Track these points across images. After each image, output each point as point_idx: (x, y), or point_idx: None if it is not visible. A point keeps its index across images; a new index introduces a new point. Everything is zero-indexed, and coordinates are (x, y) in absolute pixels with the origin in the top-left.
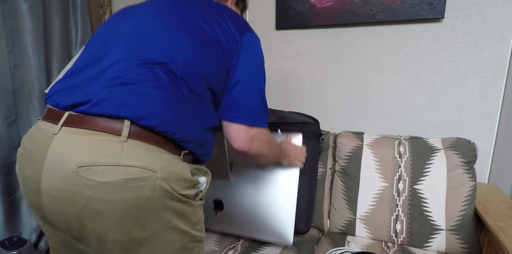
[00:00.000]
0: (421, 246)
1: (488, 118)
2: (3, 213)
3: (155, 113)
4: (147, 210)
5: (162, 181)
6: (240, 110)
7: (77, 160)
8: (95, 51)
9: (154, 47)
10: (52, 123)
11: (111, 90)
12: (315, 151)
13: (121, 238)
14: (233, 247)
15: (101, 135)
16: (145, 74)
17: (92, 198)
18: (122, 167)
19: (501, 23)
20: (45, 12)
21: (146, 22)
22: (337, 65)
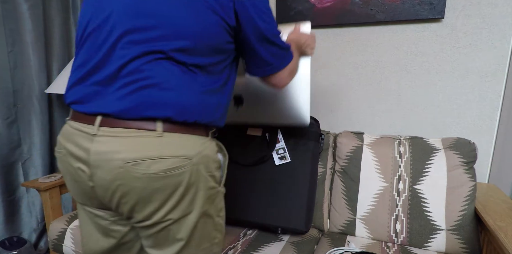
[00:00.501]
0: (421, 246)
1: (488, 118)
2: (3, 213)
3: (181, 110)
4: (185, 193)
5: (197, 165)
6: (270, 62)
7: (122, 156)
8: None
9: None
10: (88, 124)
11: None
12: (315, 151)
13: (162, 219)
14: (233, 247)
15: (138, 132)
16: (160, 72)
17: (142, 187)
18: (164, 159)
19: (501, 23)
20: (45, 12)
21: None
22: (337, 65)
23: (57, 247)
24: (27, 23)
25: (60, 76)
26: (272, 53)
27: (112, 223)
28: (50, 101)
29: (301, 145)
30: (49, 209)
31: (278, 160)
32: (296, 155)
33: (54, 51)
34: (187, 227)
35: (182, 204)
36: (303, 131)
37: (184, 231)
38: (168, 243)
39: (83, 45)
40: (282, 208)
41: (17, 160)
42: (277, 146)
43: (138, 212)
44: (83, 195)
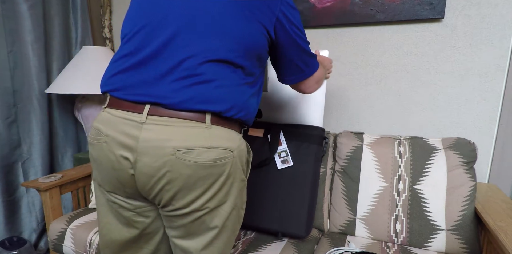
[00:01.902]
0: (421, 246)
1: (488, 118)
2: (3, 213)
3: (229, 107)
4: (224, 183)
5: (236, 158)
6: (301, 70)
7: (174, 144)
8: (149, 28)
9: (215, 34)
10: (134, 112)
11: (185, 91)
12: (318, 155)
13: (201, 207)
14: (234, 246)
15: (188, 122)
16: (213, 71)
17: (189, 175)
18: (213, 149)
19: (501, 23)
20: (45, 12)
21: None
22: (337, 65)
23: (57, 247)
24: (27, 23)
25: (60, 76)
26: (304, 60)
27: (136, 214)
28: (50, 101)
29: (304, 148)
30: (49, 209)
31: (281, 163)
32: (298, 158)
33: (54, 51)
34: (221, 217)
35: (220, 194)
36: (306, 134)
37: (218, 220)
38: (200, 232)
39: (135, 34)
40: (283, 212)
41: (17, 160)
42: (279, 148)
43: (178, 200)
44: (117, 183)
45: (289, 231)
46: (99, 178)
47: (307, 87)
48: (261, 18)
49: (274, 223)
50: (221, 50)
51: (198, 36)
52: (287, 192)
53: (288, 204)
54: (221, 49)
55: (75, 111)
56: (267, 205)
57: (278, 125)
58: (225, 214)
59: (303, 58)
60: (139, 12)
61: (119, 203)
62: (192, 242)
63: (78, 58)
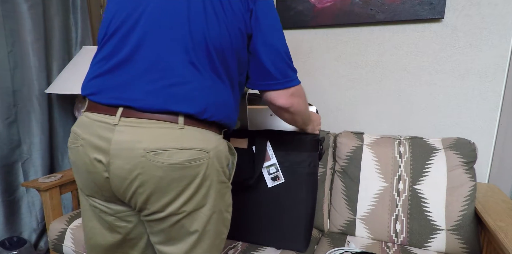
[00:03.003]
0: (421, 246)
1: (488, 118)
2: (3, 213)
3: (201, 109)
4: (200, 186)
5: (213, 159)
6: (273, 77)
7: (144, 146)
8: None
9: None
10: (108, 114)
11: (158, 93)
12: (313, 165)
13: (177, 211)
14: (234, 247)
15: (160, 123)
16: (186, 73)
17: (161, 177)
18: (185, 150)
19: (501, 23)
20: (45, 12)
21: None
22: (337, 65)
23: (57, 247)
24: (27, 23)
25: (60, 76)
26: (277, 67)
27: (118, 219)
28: (50, 101)
29: (296, 158)
30: (49, 209)
31: (271, 181)
32: (290, 173)
33: (54, 51)
34: (200, 220)
35: (197, 197)
36: (296, 141)
37: (198, 224)
38: (180, 238)
39: (110, 37)
40: (279, 230)
41: (17, 160)
42: (267, 163)
43: (152, 203)
44: (94, 187)
45: (288, 247)
46: (79, 182)
47: (274, 97)
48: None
49: (270, 241)
50: (194, 51)
51: (171, 38)
52: (282, 209)
53: (283, 222)
54: (195, 50)
55: (75, 111)
56: (262, 223)
57: (263, 133)
58: (204, 217)
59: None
60: (114, 13)
61: (100, 208)
62: (174, 248)
63: (78, 58)
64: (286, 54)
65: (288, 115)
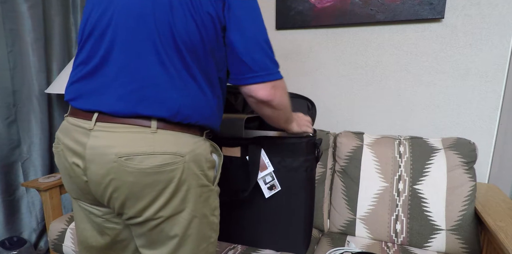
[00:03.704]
0: (421, 246)
1: (488, 118)
2: (3, 213)
3: (176, 112)
4: (177, 190)
5: (190, 163)
6: (252, 70)
7: (116, 151)
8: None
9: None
10: (85, 119)
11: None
12: (310, 169)
13: (154, 216)
14: (234, 248)
15: (133, 128)
16: (158, 75)
17: (133, 182)
18: (156, 155)
19: (501, 23)
20: (45, 12)
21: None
22: (337, 65)
23: (57, 247)
24: (27, 23)
25: (60, 76)
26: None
27: (106, 220)
28: (49, 101)
29: (292, 163)
30: (49, 209)
31: (268, 191)
32: (286, 179)
33: (54, 51)
34: (180, 225)
35: (174, 202)
36: (293, 145)
37: (178, 228)
38: (161, 242)
39: (85, 42)
40: (278, 235)
41: (16, 160)
42: (263, 173)
43: (129, 208)
44: (77, 190)
45: (288, 251)
46: (65, 185)
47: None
48: (204, 4)
49: (269, 246)
50: (164, 50)
51: (139, 38)
52: (280, 214)
53: (281, 228)
54: (164, 48)
55: None
56: (261, 228)
57: (257, 140)
58: (184, 222)
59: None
60: (89, 14)
61: (89, 210)
62: (156, 251)
63: None
64: (266, 43)
65: (271, 110)
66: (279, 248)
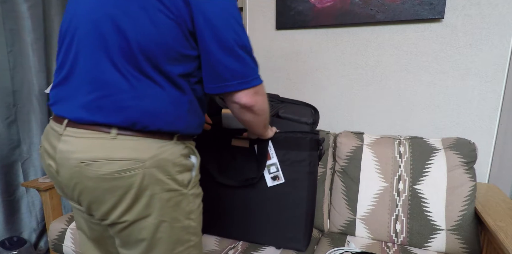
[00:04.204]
0: (421, 246)
1: (488, 118)
2: (3, 213)
3: (133, 120)
4: (139, 196)
5: (151, 169)
6: (230, 78)
7: (78, 156)
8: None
9: (118, 36)
10: (58, 123)
11: (90, 106)
12: (312, 164)
13: (118, 220)
14: (234, 247)
15: (94, 134)
16: (116, 83)
17: (94, 187)
18: (114, 161)
19: (501, 23)
20: (45, 12)
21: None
22: (337, 65)
23: (57, 247)
24: (27, 23)
25: None
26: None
27: (91, 217)
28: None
29: (297, 157)
30: (49, 209)
31: (271, 180)
32: (290, 172)
33: (54, 51)
34: (147, 229)
35: (137, 207)
36: (298, 140)
37: (145, 232)
38: (132, 244)
39: (60, 48)
40: (279, 230)
41: (16, 160)
42: (268, 162)
43: (95, 211)
44: (58, 189)
45: (288, 246)
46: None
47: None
48: (170, 10)
49: (270, 240)
50: (120, 57)
51: (97, 46)
52: (281, 209)
53: (284, 220)
54: (121, 56)
55: None
56: (262, 222)
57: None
58: (151, 226)
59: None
60: (64, 17)
61: (75, 206)
62: (130, 252)
63: None
64: (242, 48)
65: (252, 116)
66: (280, 243)
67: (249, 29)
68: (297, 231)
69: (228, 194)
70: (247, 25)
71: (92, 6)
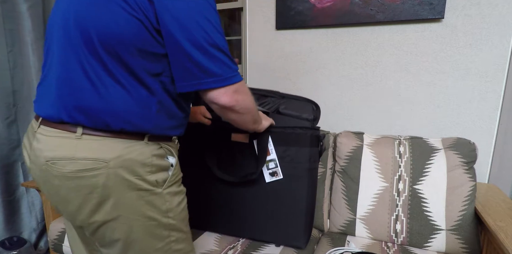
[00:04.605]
0: (421, 246)
1: (488, 118)
2: (3, 213)
3: (94, 121)
4: (106, 196)
5: (117, 169)
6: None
7: (45, 154)
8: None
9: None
10: (36, 121)
11: (59, 105)
12: (312, 160)
13: (87, 220)
14: (233, 247)
15: (61, 133)
16: (81, 83)
17: (59, 185)
18: (77, 160)
19: (501, 23)
20: (45, 12)
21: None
22: (337, 65)
23: (57, 247)
24: (27, 23)
25: None
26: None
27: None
28: None
29: (297, 153)
30: (49, 209)
31: (269, 176)
32: (290, 168)
33: None
34: (120, 229)
35: (105, 207)
36: (298, 136)
37: (119, 233)
38: (108, 244)
39: (44, 46)
40: (278, 226)
41: (16, 160)
42: (268, 158)
43: (63, 211)
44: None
45: (287, 244)
46: None
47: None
48: (133, 8)
49: (269, 237)
50: (86, 57)
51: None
52: (281, 205)
53: (283, 216)
54: (86, 55)
55: None
56: (261, 218)
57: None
58: (124, 227)
59: (203, 52)
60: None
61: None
62: (109, 251)
63: None
64: (212, 46)
65: (235, 115)
66: (279, 240)
67: (249, 29)
68: (297, 227)
69: (227, 190)
70: (247, 25)
71: (65, 5)
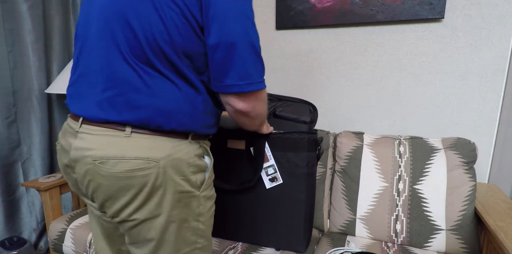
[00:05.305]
0: (421, 246)
1: (488, 118)
2: (3, 213)
3: (146, 121)
4: (151, 195)
5: (166, 169)
6: (232, 78)
7: (92, 153)
8: (81, 38)
9: (128, 33)
10: (75, 120)
11: (104, 105)
12: (311, 164)
13: (129, 217)
14: (233, 247)
15: (109, 131)
16: (131, 82)
17: (106, 185)
18: (128, 160)
19: (501, 23)
20: (45, 12)
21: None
22: (337, 65)
23: (57, 247)
24: (27, 23)
25: (60, 76)
26: (236, 66)
27: (104, 214)
28: (49, 101)
29: (295, 158)
30: (49, 209)
31: (269, 182)
32: (288, 174)
33: (54, 51)
34: (156, 229)
35: (148, 206)
36: (295, 141)
37: (154, 232)
38: (140, 242)
39: (75, 46)
40: (278, 231)
41: (16, 160)
42: (266, 165)
43: (107, 208)
44: (72, 186)
45: (287, 248)
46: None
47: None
48: (180, 6)
49: (270, 241)
50: (134, 56)
51: (111, 45)
52: (279, 210)
53: (283, 221)
54: (134, 54)
55: None
56: (261, 224)
57: (261, 134)
58: (160, 227)
59: (243, 55)
60: (78, 19)
61: (88, 203)
62: (138, 250)
63: None
64: (251, 48)
65: (248, 119)
66: (279, 245)
67: None
68: (296, 233)
69: (228, 196)
70: None
71: (105, 4)
